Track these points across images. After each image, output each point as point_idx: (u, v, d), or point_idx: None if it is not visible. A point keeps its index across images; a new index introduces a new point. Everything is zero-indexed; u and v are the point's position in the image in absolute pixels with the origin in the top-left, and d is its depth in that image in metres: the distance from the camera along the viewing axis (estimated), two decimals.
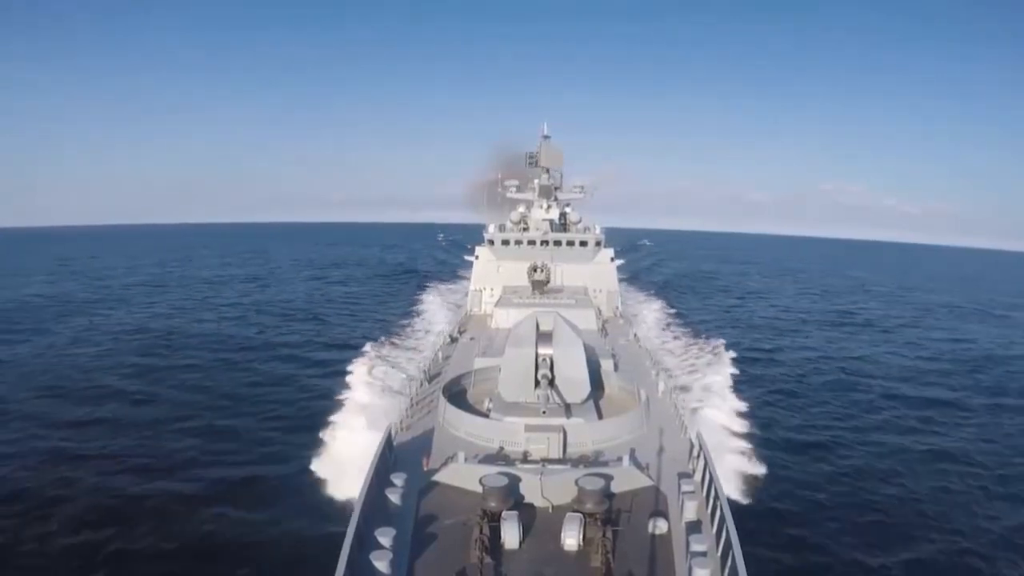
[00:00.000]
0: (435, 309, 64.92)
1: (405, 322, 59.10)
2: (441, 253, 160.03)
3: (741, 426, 30.70)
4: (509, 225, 50.70)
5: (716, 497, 14.18)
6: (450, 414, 20.55)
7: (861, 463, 30.89)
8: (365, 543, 12.59)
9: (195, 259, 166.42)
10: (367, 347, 42.27)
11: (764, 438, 30.73)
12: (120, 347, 54.68)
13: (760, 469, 26.40)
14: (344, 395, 33.35)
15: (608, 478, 15.33)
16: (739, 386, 37.06)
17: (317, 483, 25.03)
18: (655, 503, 15.46)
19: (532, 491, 15.41)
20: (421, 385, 26.21)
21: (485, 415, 21.07)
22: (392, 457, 17.61)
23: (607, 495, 14.80)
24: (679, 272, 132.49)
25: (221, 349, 53.87)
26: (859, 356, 56.53)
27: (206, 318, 69.87)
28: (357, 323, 66.23)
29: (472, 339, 34.76)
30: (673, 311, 68.00)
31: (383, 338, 47.65)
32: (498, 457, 17.80)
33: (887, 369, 51.58)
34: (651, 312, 64.60)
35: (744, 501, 23.10)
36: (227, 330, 62.58)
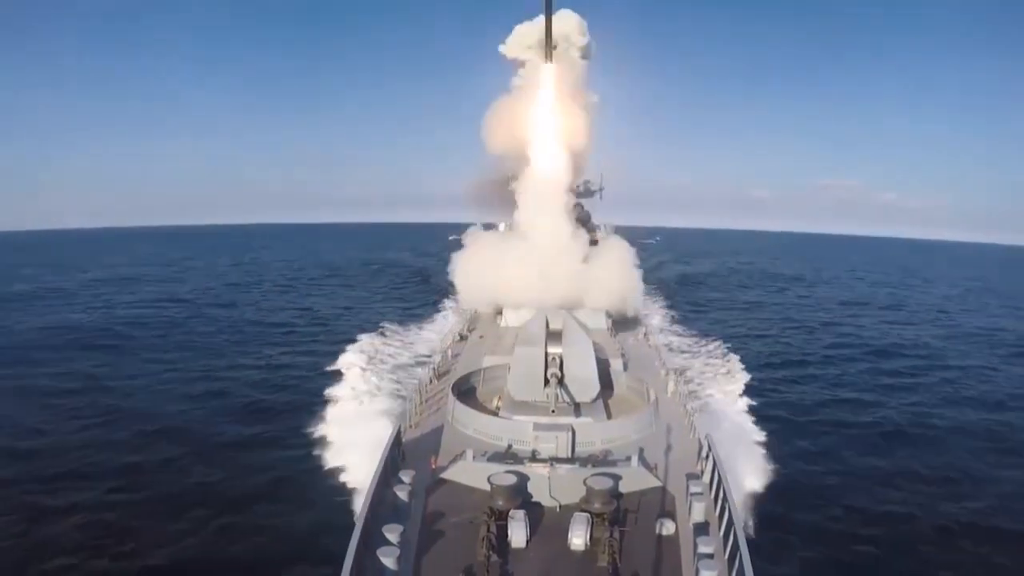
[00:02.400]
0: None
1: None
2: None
3: (751, 426, 30.60)
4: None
5: (724, 499, 14.13)
6: (459, 412, 20.60)
7: (870, 463, 30.66)
8: (372, 540, 12.64)
9: (259, 257, 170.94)
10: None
11: (774, 438, 30.51)
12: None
13: (770, 471, 26.22)
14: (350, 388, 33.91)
15: (616, 478, 15.34)
16: (750, 383, 37.05)
17: (326, 479, 25.14)
18: (663, 504, 15.45)
19: (540, 490, 15.44)
20: (430, 383, 26.27)
21: (494, 413, 21.11)
22: (400, 454, 17.69)
23: (615, 495, 14.81)
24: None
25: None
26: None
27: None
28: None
29: (481, 337, 34.84)
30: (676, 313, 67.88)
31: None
32: (506, 456, 17.82)
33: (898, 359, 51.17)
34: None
35: (753, 503, 22.96)
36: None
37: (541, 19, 42.39)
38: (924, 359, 55.66)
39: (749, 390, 36.38)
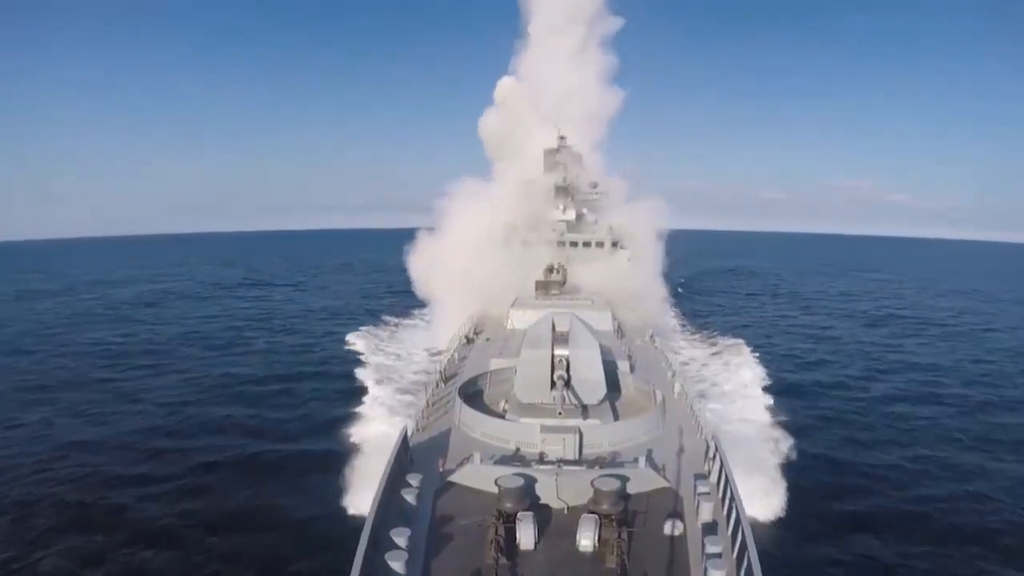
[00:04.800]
0: None
1: None
2: None
3: (758, 424, 30.54)
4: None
5: (732, 499, 14.08)
6: (466, 415, 20.58)
7: (876, 461, 30.55)
8: (380, 544, 12.66)
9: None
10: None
11: (782, 437, 30.45)
12: None
13: (777, 471, 26.15)
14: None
15: (624, 479, 15.30)
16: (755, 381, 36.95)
17: (333, 482, 25.25)
18: (671, 504, 15.40)
19: (548, 492, 15.42)
20: (437, 386, 26.32)
21: (501, 416, 21.08)
22: (408, 457, 17.69)
23: (623, 496, 14.76)
24: None
25: None
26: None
27: None
28: None
29: (488, 340, 34.80)
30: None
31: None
32: (514, 458, 17.78)
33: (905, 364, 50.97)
34: None
35: (760, 503, 22.92)
36: None
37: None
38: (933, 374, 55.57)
39: (755, 389, 36.39)
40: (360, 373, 41.88)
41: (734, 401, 35.45)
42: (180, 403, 39.65)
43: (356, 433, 30.49)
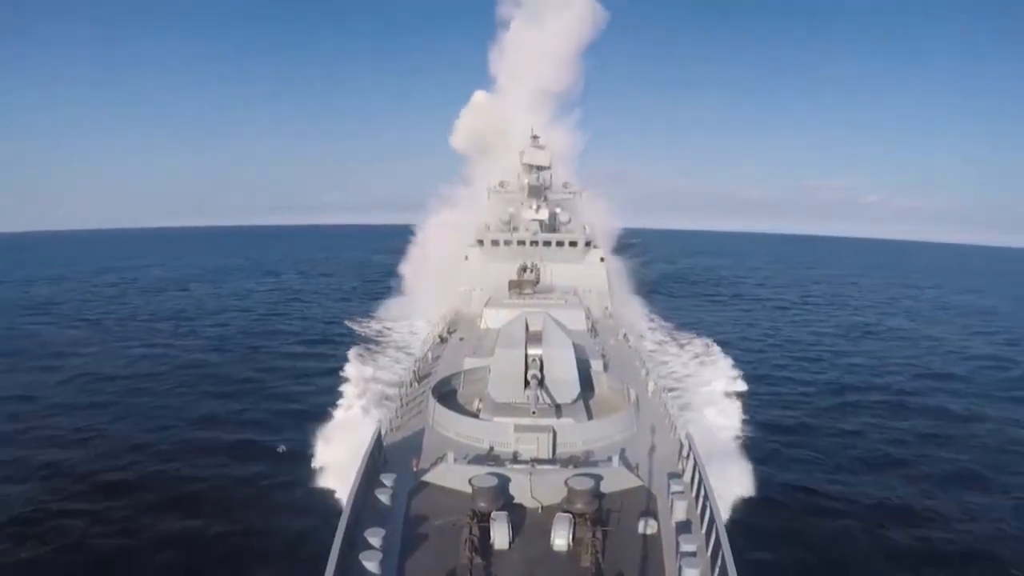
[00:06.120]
0: None
1: None
2: None
3: (730, 423, 30.92)
4: (498, 225, 50.70)
5: (706, 497, 14.21)
6: (440, 414, 20.47)
7: (849, 457, 31.14)
8: (355, 544, 12.55)
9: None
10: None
11: (753, 435, 30.87)
12: None
13: (749, 468, 26.46)
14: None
15: (598, 478, 15.34)
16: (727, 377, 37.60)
17: (307, 483, 24.95)
18: (645, 503, 15.49)
19: (522, 491, 15.40)
20: (411, 385, 26.16)
21: (475, 415, 21.00)
22: (382, 457, 17.56)
23: (597, 495, 14.80)
24: None
25: None
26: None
27: None
28: None
29: (462, 339, 34.66)
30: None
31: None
32: (488, 457, 17.76)
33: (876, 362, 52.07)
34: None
35: (733, 501, 23.16)
36: None
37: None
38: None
39: (726, 388, 36.81)
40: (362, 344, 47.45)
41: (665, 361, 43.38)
42: (252, 347, 54.24)
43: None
